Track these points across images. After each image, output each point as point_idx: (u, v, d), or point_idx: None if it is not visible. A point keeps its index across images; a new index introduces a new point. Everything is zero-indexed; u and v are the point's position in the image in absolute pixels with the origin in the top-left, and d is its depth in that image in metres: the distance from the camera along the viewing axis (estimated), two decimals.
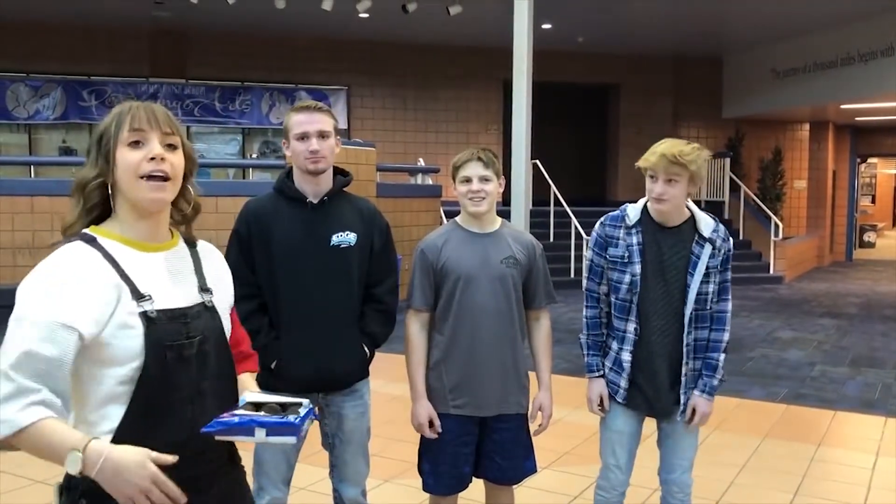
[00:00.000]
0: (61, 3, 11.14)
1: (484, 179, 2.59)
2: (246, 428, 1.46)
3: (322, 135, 2.55)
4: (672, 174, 2.49)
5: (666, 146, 2.52)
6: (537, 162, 11.70)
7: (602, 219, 2.73)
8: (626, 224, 2.63)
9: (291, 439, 1.47)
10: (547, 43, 11.75)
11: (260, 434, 1.46)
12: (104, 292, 1.46)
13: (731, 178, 14.14)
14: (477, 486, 2.77)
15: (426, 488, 2.71)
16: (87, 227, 1.54)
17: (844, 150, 17.16)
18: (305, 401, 1.53)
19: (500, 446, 2.66)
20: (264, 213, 2.59)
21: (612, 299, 2.65)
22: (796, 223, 16.10)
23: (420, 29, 12.48)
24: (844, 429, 5.17)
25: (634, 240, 2.60)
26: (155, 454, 1.38)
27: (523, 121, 7.86)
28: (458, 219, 2.72)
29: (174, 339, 1.51)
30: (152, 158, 1.49)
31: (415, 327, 2.67)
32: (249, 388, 1.68)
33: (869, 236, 21.29)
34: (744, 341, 7.92)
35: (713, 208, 13.90)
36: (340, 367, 2.61)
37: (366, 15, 11.20)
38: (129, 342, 1.46)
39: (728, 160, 14.23)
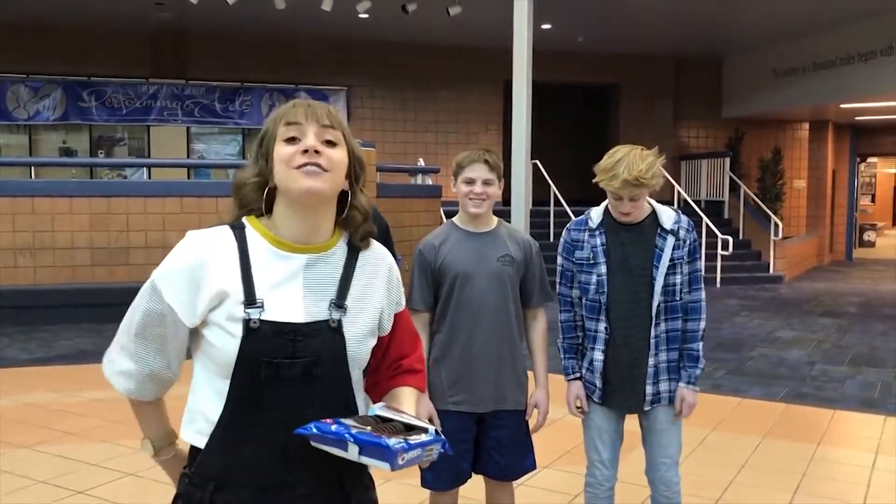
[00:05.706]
0: (62, 3, 11.16)
1: (487, 183, 2.61)
2: (340, 440, 1.26)
3: None
4: (635, 195, 2.53)
5: (625, 168, 2.47)
6: (537, 162, 11.71)
7: (568, 224, 2.81)
8: (589, 227, 2.70)
9: (385, 466, 1.24)
10: (547, 43, 11.77)
11: (353, 451, 1.26)
12: (209, 288, 1.38)
13: (730, 178, 14.14)
14: (478, 485, 2.78)
15: (424, 484, 2.71)
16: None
17: (844, 149, 17.17)
18: (431, 427, 1.34)
19: (499, 443, 2.68)
20: None
21: (583, 301, 2.70)
22: (796, 223, 16.11)
23: (420, 29, 12.49)
24: (844, 428, 5.18)
25: (598, 241, 2.66)
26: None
27: (523, 121, 7.87)
28: (455, 219, 2.74)
29: (273, 356, 1.36)
30: (305, 151, 1.37)
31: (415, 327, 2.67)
32: (404, 402, 1.52)
33: (869, 235, 21.31)
34: (743, 341, 7.93)
35: (713, 208, 13.92)
36: None
37: (366, 15, 11.21)
38: (228, 348, 1.36)
39: (728, 160, 14.22)
